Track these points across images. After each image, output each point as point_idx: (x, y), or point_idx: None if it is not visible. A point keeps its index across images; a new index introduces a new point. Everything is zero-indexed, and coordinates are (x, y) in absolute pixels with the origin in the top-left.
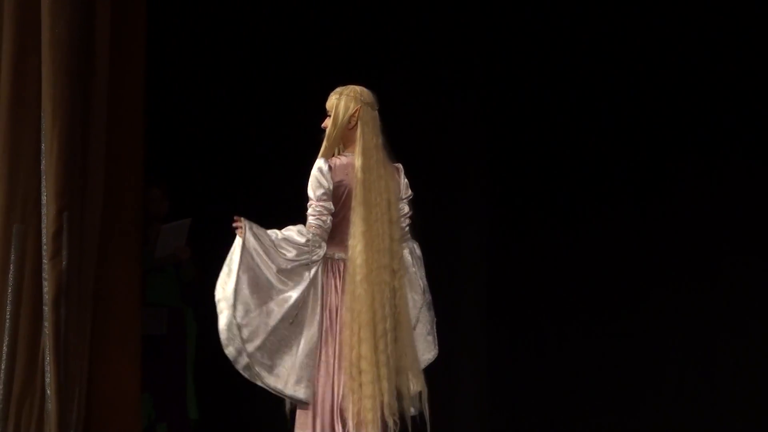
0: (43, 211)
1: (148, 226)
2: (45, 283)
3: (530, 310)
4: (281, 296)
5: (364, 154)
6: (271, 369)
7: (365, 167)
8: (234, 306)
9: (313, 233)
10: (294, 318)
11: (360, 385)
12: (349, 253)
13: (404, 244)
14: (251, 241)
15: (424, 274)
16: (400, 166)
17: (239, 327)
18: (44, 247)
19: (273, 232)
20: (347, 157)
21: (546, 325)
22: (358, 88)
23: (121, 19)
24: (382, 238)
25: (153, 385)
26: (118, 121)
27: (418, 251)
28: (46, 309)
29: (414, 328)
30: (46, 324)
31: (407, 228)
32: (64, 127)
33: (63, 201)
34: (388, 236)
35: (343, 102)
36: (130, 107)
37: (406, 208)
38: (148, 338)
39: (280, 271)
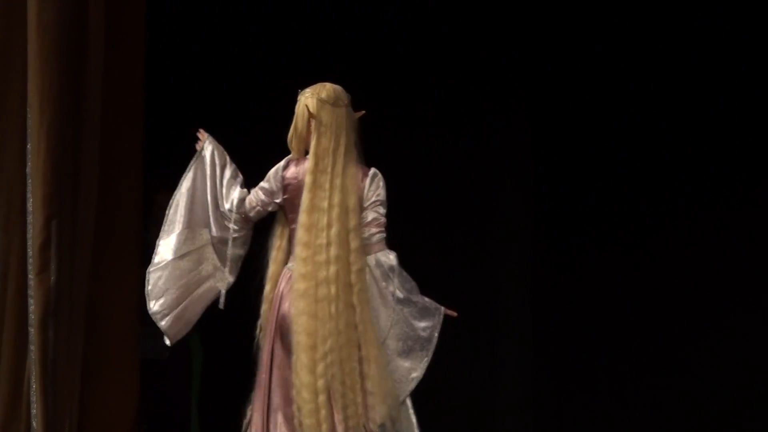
0: (29, 219)
1: (152, 235)
2: (31, 302)
3: (577, 337)
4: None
5: (315, 157)
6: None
7: (313, 170)
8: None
9: (237, 210)
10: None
11: (300, 423)
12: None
13: (372, 256)
14: (208, 158)
15: (400, 284)
16: (373, 171)
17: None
18: (30, 260)
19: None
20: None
21: (594, 359)
22: (320, 86)
23: (119, 2)
24: (326, 248)
25: (154, 414)
26: (115, 118)
27: (391, 261)
28: (32, 331)
29: (384, 346)
30: (32, 348)
31: (376, 237)
32: (52, 125)
33: (51, 208)
34: (338, 246)
35: (300, 104)
36: (128, 102)
37: (371, 215)
38: (148, 363)
39: (216, 212)
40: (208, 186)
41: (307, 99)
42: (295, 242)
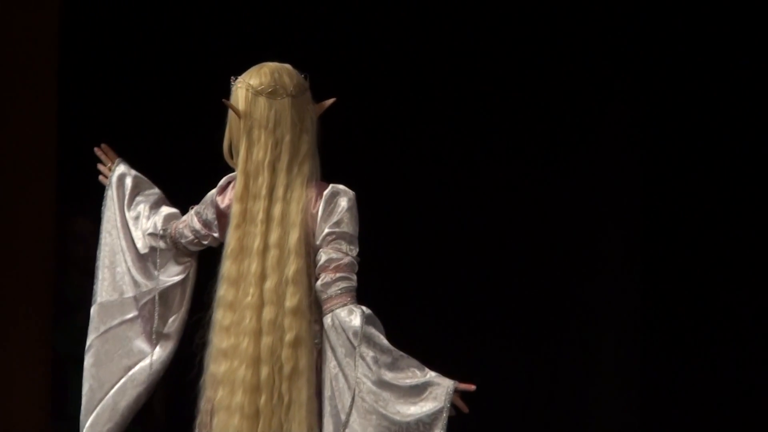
0: None
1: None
2: None
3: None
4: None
5: (244, 175)
6: None
7: (241, 195)
8: None
9: (162, 226)
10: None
11: None
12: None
13: (329, 315)
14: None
15: (372, 359)
16: (332, 188)
17: None
18: None
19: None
20: None
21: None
22: (256, 68)
23: None
24: (257, 312)
25: None
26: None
27: (353, 323)
28: None
29: None
30: None
31: (333, 288)
32: None
33: None
34: (275, 307)
35: (233, 97)
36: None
37: (325, 256)
38: None
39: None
40: (120, 230)
41: (238, 89)
42: (215, 303)
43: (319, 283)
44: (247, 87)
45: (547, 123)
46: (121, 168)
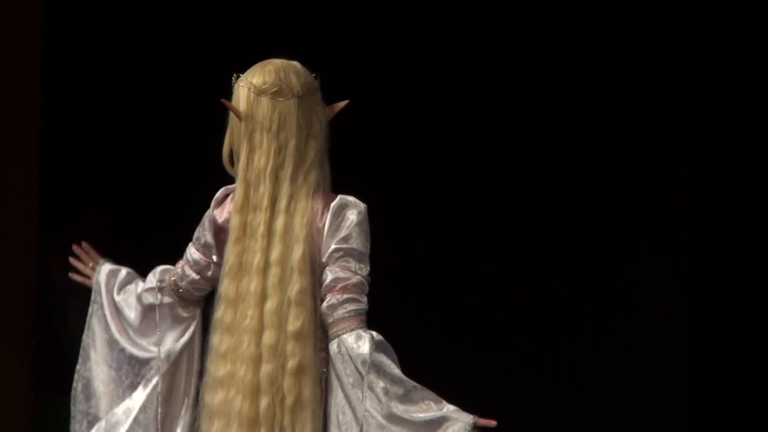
0: None
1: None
2: None
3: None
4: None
5: (244, 184)
6: None
7: (241, 206)
8: None
9: (167, 278)
10: None
11: None
12: None
13: (335, 341)
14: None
15: (382, 390)
16: (341, 200)
17: None
18: None
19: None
20: None
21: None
22: (260, 65)
23: None
24: (255, 336)
25: None
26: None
27: (361, 350)
28: None
29: None
30: None
31: (340, 311)
32: None
33: None
34: (276, 331)
35: (235, 97)
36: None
37: (331, 275)
38: None
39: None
40: (115, 332)
41: (239, 88)
42: (213, 326)
43: (324, 305)
44: (250, 86)
45: (586, 133)
46: (109, 266)
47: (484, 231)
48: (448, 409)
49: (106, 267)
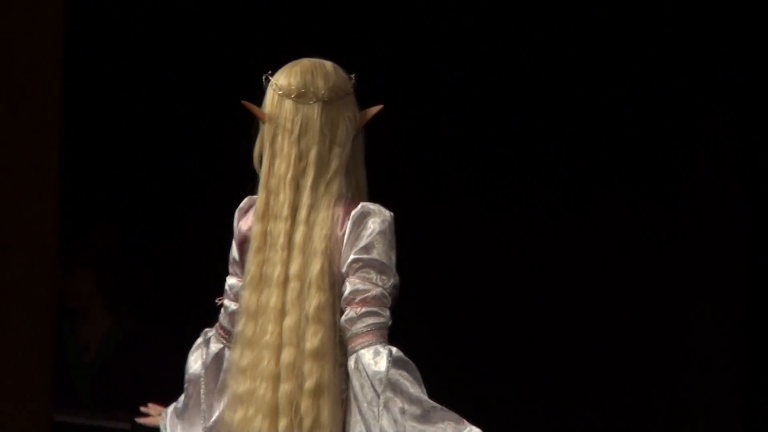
0: None
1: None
2: None
3: None
4: None
5: (266, 192)
6: None
7: (262, 214)
8: None
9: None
10: None
11: None
12: None
13: (353, 356)
14: None
15: (399, 408)
16: (363, 207)
17: None
18: None
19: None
20: None
21: None
22: (289, 66)
23: None
24: (275, 353)
25: None
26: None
27: (378, 367)
28: None
29: None
30: None
31: (359, 325)
32: None
33: None
34: (293, 346)
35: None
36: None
37: (350, 287)
38: None
39: None
40: None
41: (269, 89)
42: (233, 340)
43: (343, 318)
44: (275, 87)
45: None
46: (170, 408)
47: (508, 248)
48: (472, 430)
49: (169, 409)
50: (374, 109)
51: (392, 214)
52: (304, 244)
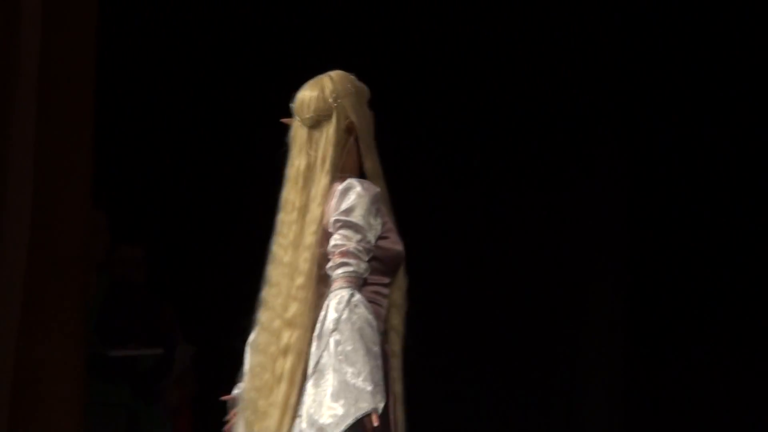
0: None
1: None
2: None
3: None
4: None
5: (285, 185)
6: None
7: (282, 203)
8: None
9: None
10: None
11: None
12: None
13: (329, 296)
14: None
15: (333, 346)
16: (348, 182)
17: None
18: None
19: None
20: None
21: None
22: (312, 81)
23: None
24: (283, 311)
25: None
26: (57, 127)
27: (339, 308)
28: None
29: None
30: None
31: (334, 272)
32: None
33: None
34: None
35: None
36: (74, 110)
37: (332, 242)
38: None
39: None
40: None
41: None
42: (259, 302)
43: (327, 266)
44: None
45: None
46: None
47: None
48: (368, 386)
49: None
50: (355, 120)
51: (378, 189)
52: (301, 214)
